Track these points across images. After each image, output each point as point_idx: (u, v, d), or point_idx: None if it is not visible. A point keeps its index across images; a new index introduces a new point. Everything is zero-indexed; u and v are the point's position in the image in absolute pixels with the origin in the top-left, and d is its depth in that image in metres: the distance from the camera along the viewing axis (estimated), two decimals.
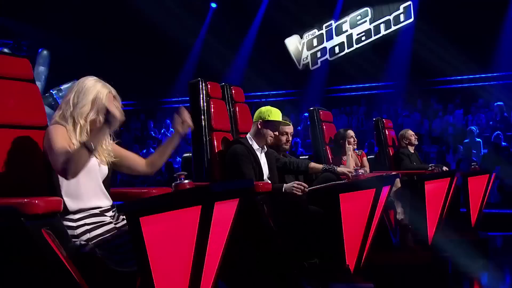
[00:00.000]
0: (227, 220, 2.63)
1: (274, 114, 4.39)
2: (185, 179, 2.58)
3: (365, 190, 4.02)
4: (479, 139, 12.45)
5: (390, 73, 16.86)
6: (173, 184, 2.61)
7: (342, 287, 4.05)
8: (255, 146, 4.35)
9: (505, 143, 11.76)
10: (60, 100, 16.95)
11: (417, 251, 5.55)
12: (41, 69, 17.19)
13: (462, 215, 6.91)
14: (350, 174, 4.33)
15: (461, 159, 11.60)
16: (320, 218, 4.03)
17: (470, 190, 6.82)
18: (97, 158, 2.90)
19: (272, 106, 14.36)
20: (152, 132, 17.89)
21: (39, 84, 17.10)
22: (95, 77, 3.01)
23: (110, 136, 2.99)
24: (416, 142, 7.45)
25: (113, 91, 3.01)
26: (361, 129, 15.11)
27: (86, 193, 2.83)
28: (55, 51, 17.40)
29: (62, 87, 17.17)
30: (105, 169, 2.95)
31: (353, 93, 17.42)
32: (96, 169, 2.89)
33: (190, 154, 4.61)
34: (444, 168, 7.55)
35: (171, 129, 17.55)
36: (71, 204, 2.77)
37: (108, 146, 2.99)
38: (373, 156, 7.54)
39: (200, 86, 4.51)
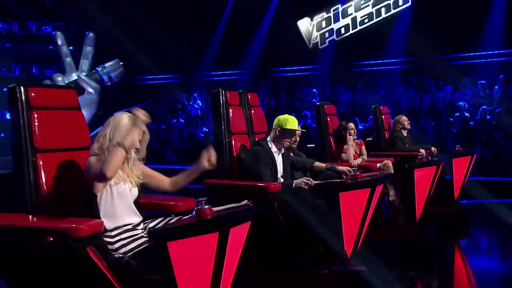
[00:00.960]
0: (240, 239, 2.66)
1: (290, 122, 4.34)
2: (205, 204, 2.58)
3: (362, 189, 4.02)
4: (467, 114, 12.30)
5: (389, 52, 16.53)
6: (195, 208, 2.62)
7: (340, 269, 4.07)
8: (274, 149, 4.35)
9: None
10: (105, 77, 17.02)
11: (406, 227, 5.55)
12: (88, 49, 17.11)
13: (447, 190, 6.88)
14: (349, 173, 4.32)
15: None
16: (323, 211, 4.02)
17: (454, 169, 6.75)
18: (129, 183, 2.93)
19: (287, 80, 14.19)
20: (179, 105, 17.89)
21: (86, 62, 17.19)
22: (128, 114, 2.99)
23: (139, 160, 3.01)
24: (409, 127, 7.36)
25: (143, 127, 3.00)
26: (362, 102, 14.97)
27: (120, 213, 2.87)
28: (99, 33, 17.38)
29: (105, 65, 17.17)
30: (135, 192, 2.96)
31: (356, 70, 17.15)
32: (127, 193, 2.91)
33: None
34: (433, 149, 7.53)
35: (198, 101, 17.57)
36: (109, 224, 2.81)
37: (137, 170, 2.99)
38: (371, 139, 7.51)
39: (221, 94, 4.48)
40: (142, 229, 2.92)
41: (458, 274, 5.30)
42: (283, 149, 4.42)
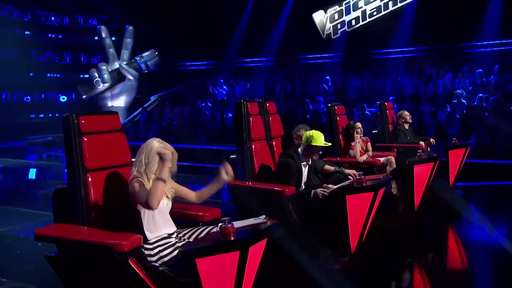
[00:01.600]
0: (258, 253, 2.71)
1: (316, 139, 4.24)
2: (228, 223, 2.63)
3: (366, 193, 4.02)
4: (464, 101, 12.08)
5: (395, 42, 16.20)
6: (219, 225, 2.68)
7: (346, 261, 4.13)
8: (303, 161, 4.33)
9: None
10: (142, 66, 17.05)
11: (405, 216, 5.56)
12: (128, 41, 17.17)
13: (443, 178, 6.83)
14: (355, 176, 4.29)
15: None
16: (331, 212, 4.07)
17: (450, 160, 6.72)
18: (165, 197, 2.98)
19: (302, 67, 13.80)
20: (209, 89, 17.86)
21: (126, 52, 17.21)
22: (159, 139, 3.03)
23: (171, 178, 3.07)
24: (410, 121, 7.30)
25: (172, 148, 3.03)
26: (371, 88, 14.78)
27: (159, 225, 2.94)
28: (137, 25, 17.41)
29: (143, 55, 17.27)
30: (170, 204, 3.03)
31: (365, 58, 16.89)
32: (165, 206, 2.98)
33: (235, 156, 4.58)
34: (431, 140, 7.47)
35: (224, 86, 17.55)
36: (150, 235, 2.90)
37: (170, 185, 3.05)
38: (376, 131, 7.47)
39: (242, 106, 4.49)
40: (175, 237, 2.98)
41: (450, 254, 5.23)
42: (310, 160, 4.39)
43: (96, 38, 18.42)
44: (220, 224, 2.67)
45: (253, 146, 4.46)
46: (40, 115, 19.58)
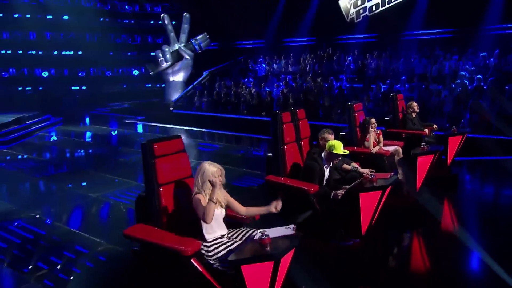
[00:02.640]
0: (288, 259, 2.84)
1: (337, 148, 4.21)
2: (265, 235, 2.76)
3: (376, 192, 4.06)
4: (466, 81, 11.55)
5: (410, 26, 15.39)
6: (257, 237, 2.81)
7: (356, 242, 4.23)
8: (325, 164, 4.33)
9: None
10: (197, 47, 16.97)
11: (408, 197, 5.52)
12: (185, 26, 17.04)
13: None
14: (368, 175, 4.30)
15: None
16: (347, 205, 4.13)
17: (449, 145, 6.56)
18: (219, 206, 3.09)
19: (329, 47, 13.27)
20: (250, 67, 17.69)
21: (184, 36, 17.15)
22: (209, 162, 3.10)
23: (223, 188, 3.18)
24: (418, 110, 7.11)
25: (219, 166, 3.10)
26: (386, 68, 14.27)
27: (215, 229, 3.08)
28: (193, 13, 17.24)
29: (197, 38, 17.15)
30: (223, 212, 3.15)
31: (382, 40, 16.17)
32: (219, 214, 3.10)
33: (271, 154, 4.64)
34: (434, 126, 7.29)
35: (263, 64, 17.33)
36: (207, 236, 3.05)
37: (222, 194, 3.15)
38: (388, 118, 7.34)
39: (278, 116, 4.53)
40: (226, 237, 3.13)
41: (444, 225, 5.20)
42: (331, 164, 4.40)
43: (159, 22, 18.43)
44: (259, 235, 2.81)
45: (286, 148, 4.53)
46: (124, 86, 20.09)
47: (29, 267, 4.20)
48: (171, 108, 15.80)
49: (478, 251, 4.25)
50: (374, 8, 16.73)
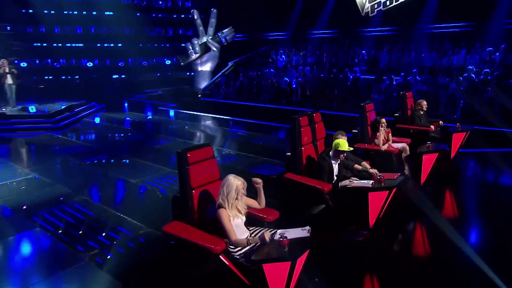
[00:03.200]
0: (303, 259, 2.91)
1: (342, 146, 4.30)
2: (284, 238, 2.82)
3: (383, 191, 4.07)
4: (473, 75, 11.14)
5: (421, 20, 14.82)
6: (275, 238, 2.87)
7: (365, 233, 4.26)
8: (333, 161, 4.37)
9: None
10: (223, 39, 16.82)
11: (413, 189, 5.47)
12: (212, 21, 16.90)
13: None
14: (376, 175, 4.29)
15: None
16: (357, 202, 4.17)
17: (453, 141, 6.47)
18: (240, 215, 3.12)
19: (344, 40, 12.98)
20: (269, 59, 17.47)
21: (211, 29, 17.02)
22: (234, 175, 3.13)
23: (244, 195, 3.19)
24: (425, 108, 6.98)
25: (242, 179, 3.13)
26: (398, 61, 13.87)
27: (239, 236, 3.09)
28: (222, 6, 17.04)
29: (223, 31, 17.01)
30: (243, 218, 3.18)
31: (394, 33, 15.67)
32: (240, 222, 3.15)
33: (290, 154, 4.66)
34: (440, 122, 7.15)
35: (283, 56, 17.09)
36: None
37: (242, 203, 3.16)
38: (398, 115, 7.23)
39: (296, 120, 4.52)
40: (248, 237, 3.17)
41: (445, 215, 5.14)
42: (339, 160, 4.43)
43: (190, 16, 18.35)
44: (278, 237, 2.89)
45: (303, 149, 4.55)
46: (157, 74, 20.22)
47: (84, 247, 4.38)
48: (199, 96, 15.90)
49: (477, 242, 4.27)
50: (388, 3, 16.13)
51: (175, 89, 18.31)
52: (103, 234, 4.69)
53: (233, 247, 3.09)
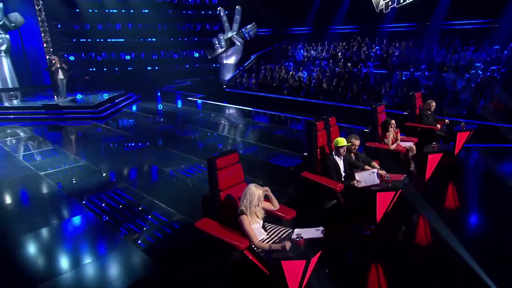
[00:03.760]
0: (316, 258, 2.99)
1: (340, 142, 4.33)
2: (300, 238, 2.89)
3: (390, 192, 4.06)
4: (480, 72, 10.65)
5: (433, 17, 14.16)
6: (292, 238, 2.93)
7: (372, 228, 4.27)
8: (337, 158, 4.38)
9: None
10: (246, 35, 16.59)
11: (418, 186, 5.41)
12: (237, 17, 16.69)
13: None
14: (384, 176, 4.23)
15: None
16: (366, 200, 4.17)
17: (457, 140, 6.32)
18: (259, 220, 3.16)
19: (359, 36, 12.49)
20: (290, 53, 17.16)
21: (236, 25, 16.82)
22: (255, 184, 3.16)
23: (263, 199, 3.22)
24: (433, 109, 6.79)
25: (263, 188, 3.15)
26: (409, 56, 13.36)
27: (257, 235, 3.16)
28: (244, 6, 16.76)
29: (247, 27, 16.80)
30: (261, 222, 3.22)
31: (407, 29, 15.04)
32: (259, 226, 3.20)
33: (307, 154, 4.67)
34: (446, 121, 6.93)
35: (301, 50, 16.74)
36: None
37: (261, 209, 3.19)
38: (406, 113, 7.06)
39: (313, 124, 4.51)
40: (266, 236, 3.21)
41: (448, 209, 5.06)
42: (342, 156, 4.41)
43: (216, 12, 18.15)
44: (295, 236, 2.95)
45: (319, 150, 4.55)
46: (186, 66, 20.26)
47: (127, 230, 4.52)
48: (224, 87, 15.89)
49: (477, 234, 4.22)
50: (401, 0, 15.45)
51: (202, 79, 18.34)
52: (143, 219, 4.80)
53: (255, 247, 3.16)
